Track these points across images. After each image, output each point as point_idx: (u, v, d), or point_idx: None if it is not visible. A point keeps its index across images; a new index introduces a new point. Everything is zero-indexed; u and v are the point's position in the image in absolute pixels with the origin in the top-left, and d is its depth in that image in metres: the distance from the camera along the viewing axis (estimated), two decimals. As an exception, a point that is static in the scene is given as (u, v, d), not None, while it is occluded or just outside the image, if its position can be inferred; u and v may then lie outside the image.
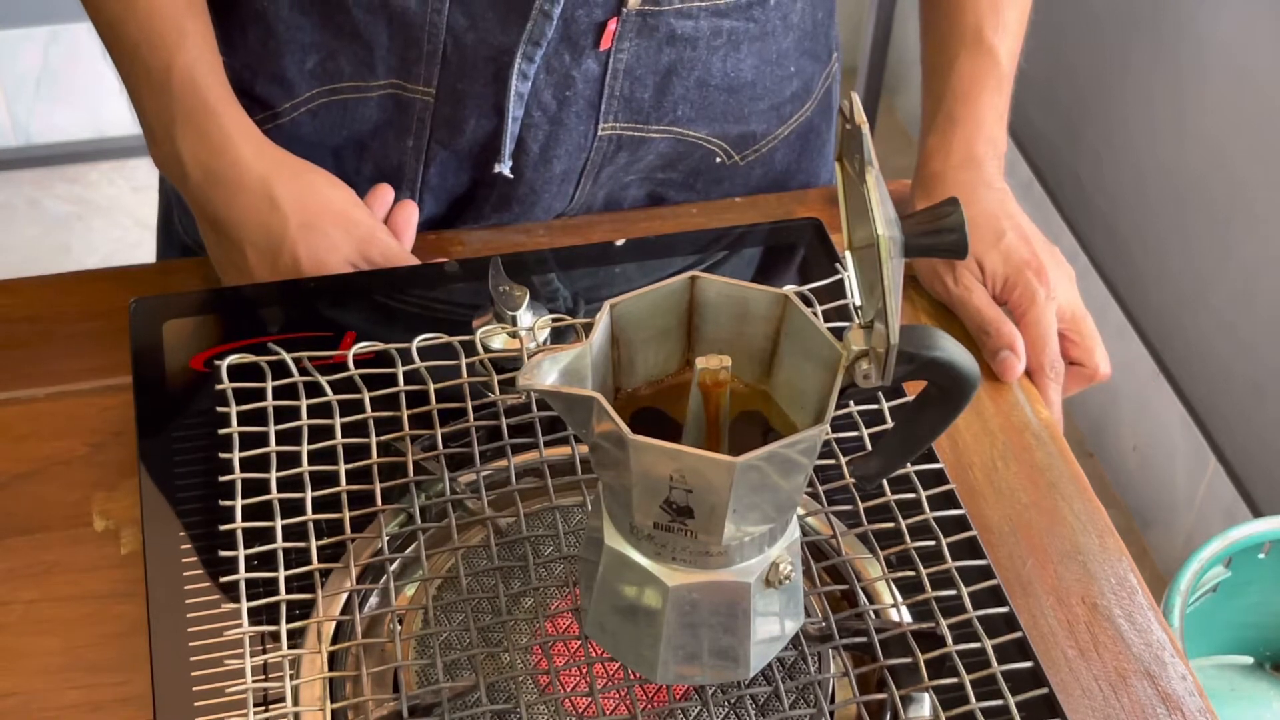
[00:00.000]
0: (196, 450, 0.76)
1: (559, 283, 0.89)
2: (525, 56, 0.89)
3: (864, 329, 0.58)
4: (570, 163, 0.95)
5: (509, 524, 0.72)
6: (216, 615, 0.69)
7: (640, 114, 0.94)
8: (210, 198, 0.87)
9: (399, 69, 0.91)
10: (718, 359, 0.57)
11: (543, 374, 0.55)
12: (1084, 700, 0.71)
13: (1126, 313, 1.98)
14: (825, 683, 0.67)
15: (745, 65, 0.95)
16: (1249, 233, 1.73)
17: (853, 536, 0.73)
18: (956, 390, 0.60)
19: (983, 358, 0.88)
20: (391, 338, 0.79)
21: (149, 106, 0.87)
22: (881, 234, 0.54)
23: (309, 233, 0.86)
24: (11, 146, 2.43)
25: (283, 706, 0.65)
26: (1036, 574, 0.76)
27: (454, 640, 0.68)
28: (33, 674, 0.70)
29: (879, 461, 0.66)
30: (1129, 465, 2.01)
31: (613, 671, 0.66)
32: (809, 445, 0.56)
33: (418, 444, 0.75)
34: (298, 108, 0.94)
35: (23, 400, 0.83)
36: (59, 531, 0.76)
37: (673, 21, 0.90)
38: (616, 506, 0.60)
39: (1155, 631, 0.74)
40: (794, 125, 1.02)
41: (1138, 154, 1.92)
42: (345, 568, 0.70)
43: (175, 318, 0.84)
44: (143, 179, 2.44)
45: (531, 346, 0.78)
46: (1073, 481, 0.81)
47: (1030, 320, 0.88)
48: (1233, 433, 1.81)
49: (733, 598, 0.60)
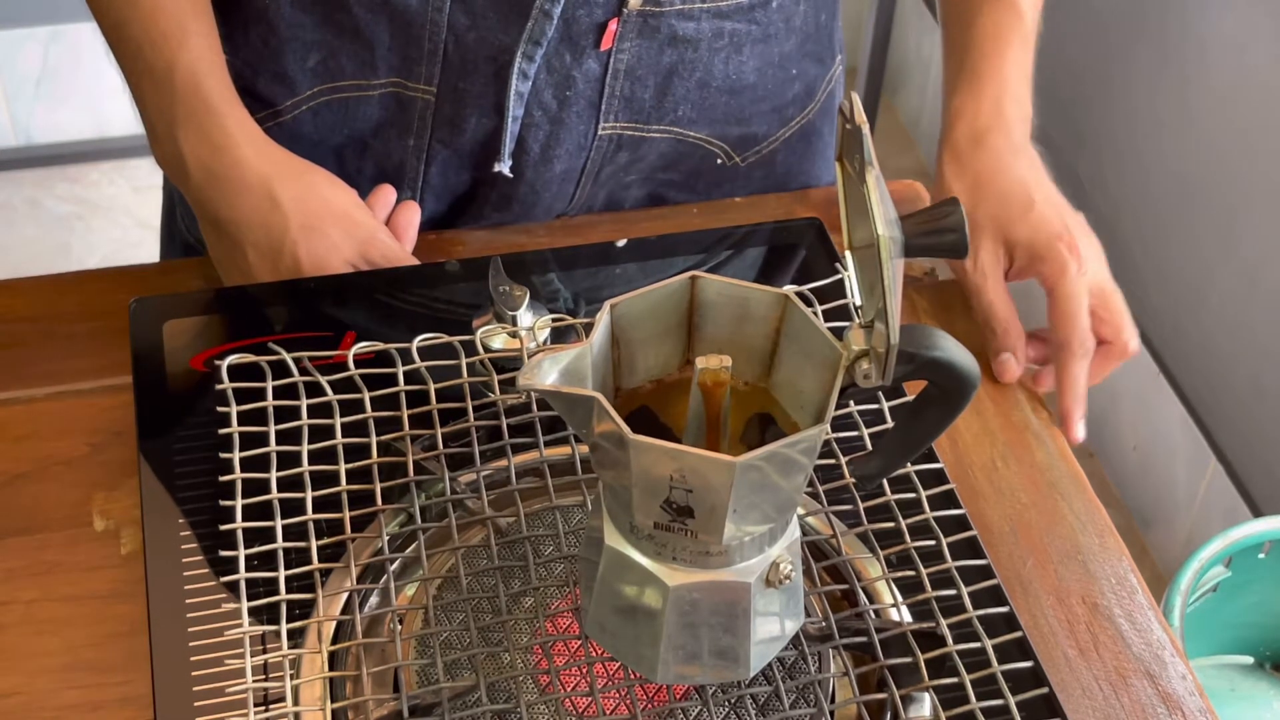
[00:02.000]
0: (197, 450, 0.76)
1: (559, 283, 0.89)
2: (526, 56, 0.89)
3: (864, 329, 0.58)
4: (571, 162, 0.95)
5: (509, 524, 0.72)
6: (217, 615, 0.69)
7: (641, 114, 0.94)
8: (211, 198, 0.87)
9: (400, 68, 0.91)
10: (718, 359, 0.57)
11: (543, 374, 0.55)
12: (1084, 700, 0.71)
13: (1127, 313, 1.98)
14: (825, 682, 0.67)
15: (747, 67, 0.95)
16: (1250, 232, 1.73)
17: (853, 536, 0.73)
18: (957, 390, 0.60)
19: (982, 359, 0.88)
20: (392, 338, 0.79)
21: (151, 105, 0.87)
22: (881, 234, 0.54)
23: (310, 234, 0.86)
24: (12, 146, 2.43)
25: (283, 706, 0.65)
26: (1036, 574, 0.76)
27: (454, 640, 0.68)
28: (33, 674, 0.70)
29: (879, 461, 0.66)
30: (1129, 465, 2.01)
31: (613, 671, 0.66)
32: (809, 445, 0.56)
33: (418, 444, 0.75)
34: (299, 106, 0.94)
35: (23, 400, 0.83)
36: (59, 531, 0.76)
37: (674, 23, 0.90)
38: (617, 506, 0.60)
39: (1155, 631, 0.74)
40: (795, 127, 1.02)
41: (1138, 154, 1.92)
42: (345, 567, 0.70)
43: (176, 318, 0.84)
44: (143, 179, 2.44)
45: (531, 346, 0.78)
46: (1073, 481, 0.81)
47: (1061, 294, 0.85)
48: (1233, 433, 1.81)
49: (733, 597, 0.60)
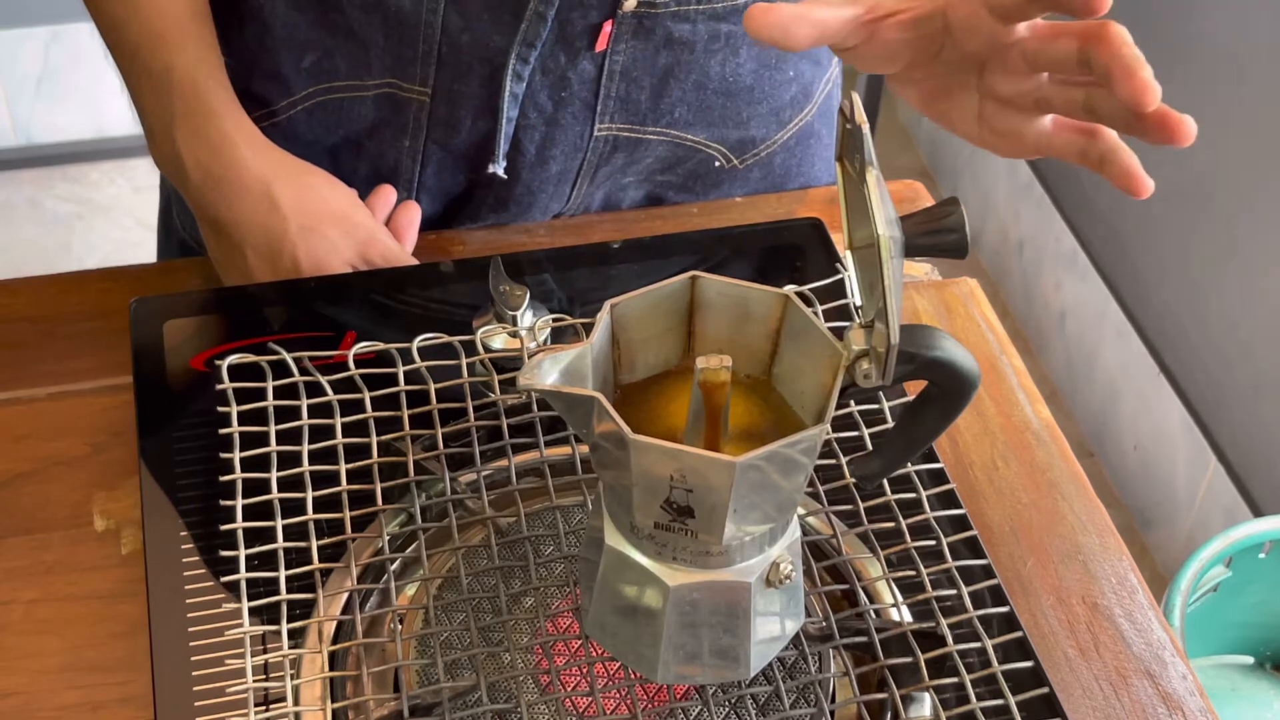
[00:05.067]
0: (197, 450, 0.76)
1: (559, 283, 0.89)
2: (520, 58, 0.88)
3: (864, 329, 0.58)
4: (566, 163, 0.95)
5: (509, 524, 0.72)
6: (217, 615, 0.69)
7: (637, 115, 0.94)
8: (210, 199, 0.87)
9: (394, 68, 0.91)
10: (718, 358, 0.57)
11: (543, 374, 0.55)
12: (1084, 700, 0.71)
13: (1127, 312, 1.98)
14: (825, 682, 0.67)
15: (744, 69, 0.95)
16: (1250, 232, 1.73)
17: (853, 536, 0.73)
18: (957, 390, 0.60)
19: (982, 358, 0.88)
20: (392, 338, 0.79)
21: (149, 107, 0.87)
22: (881, 234, 0.54)
23: (309, 235, 0.86)
24: (12, 146, 2.44)
25: (283, 706, 0.65)
26: (1037, 574, 0.76)
27: (454, 640, 0.68)
28: (33, 674, 0.70)
29: (879, 461, 0.66)
30: (1129, 465, 2.01)
31: (613, 671, 0.66)
32: (809, 445, 0.56)
33: (418, 444, 0.75)
34: (294, 106, 0.94)
35: (23, 400, 0.83)
36: (59, 531, 0.76)
37: (669, 24, 0.90)
38: (617, 506, 0.60)
39: (1156, 631, 0.74)
40: (793, 129, 1.02)
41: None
42: (346, 567, 0.70)
43: (176, 317, 0.84)
44: (143, 179, 2.44)
45: (532, 346, 0.78)
46: (1073, 481, 0.81)
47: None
48: (1233, 433, 1.81)
49: (733, 597, 0.60)
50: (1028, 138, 0.70)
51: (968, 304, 0.92)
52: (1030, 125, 0.70)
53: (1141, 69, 0.62)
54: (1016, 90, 0.69)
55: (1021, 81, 0.68)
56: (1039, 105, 0.68)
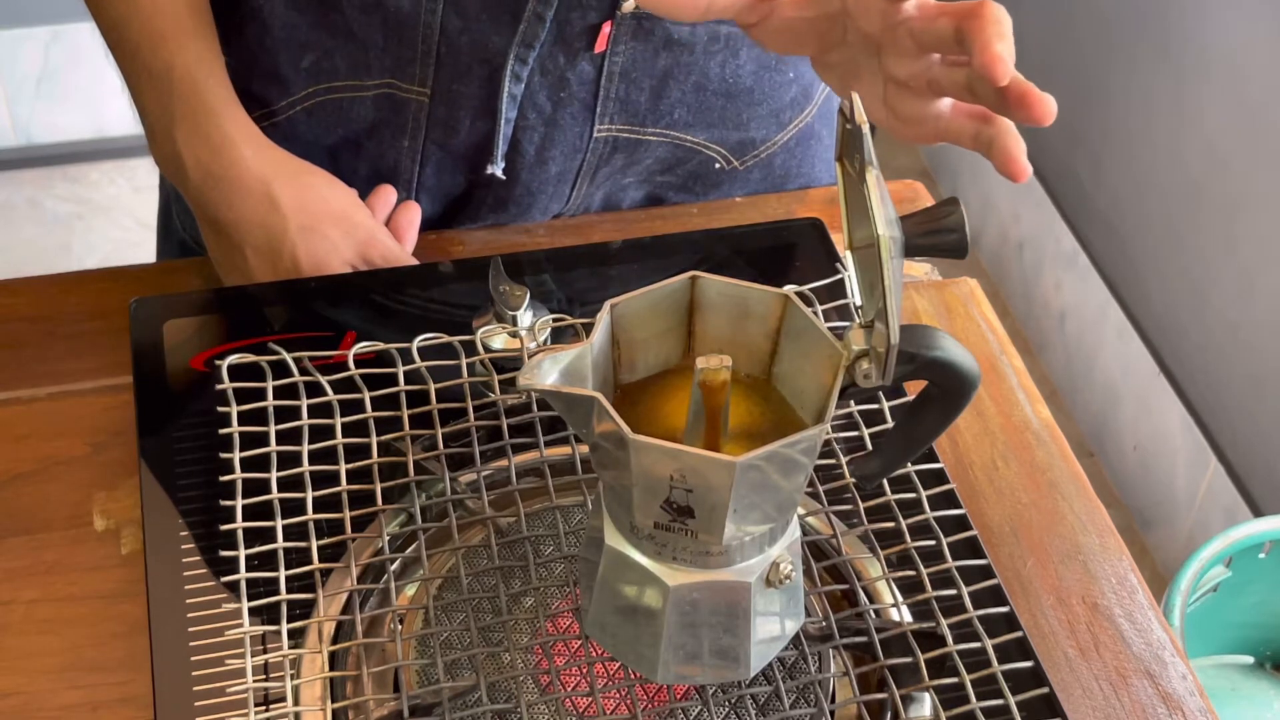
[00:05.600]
0: (197, 450, 0.76)
1: (559, 283, 0.89)
2: (519, 59, 0.88)
3: (864, 329, 0.58)
4: (565, 164, 0.95)
5: (509, 524, 0.72)
6: (217, 615, 0.69)
7: (636, 116, 0.94)
8: (210, 198, 0.87)
9: (394, 69, 0.91)
10: (718, 358, 0.57)
11: (543, 374, 0.55)
12: (1084, 700, 0.71)
13: (1127, 312, 1.98)
14: (825, 682, 0.67)
15: (744, 70, 0.95)
16: (1249, 232, 1.73)
17: (853, 536, 0.73)
18: (957, 390, 0.60)
19: (982, 358, 0.88)
20: (392, 338, 0.79)
21: (150, 106, 0.87)
22: (881, 234, 0.54)
23: (309, 234, 0.86)
24: (12, 146, 2.44)
25: (283, 706, 0.65)
26: (1037, 574, 0.76)
27: (454, 640, 0.68)
28: (33, 674, 0.70)
29: (879, 461, 0.66)
30: (1129, 465, 2.01)
31: (613, 671, 0.66)
32: (809, 445, 0.56)
33: (418, 444, 0.75)
34: (294, 106, 0.94)
35: (23, 400, 0.83)
36: (59, 531, 0.76)
37: (669, 25, 0.90)
38: (617, 506, 0.60)
39: (1156, 631, 0.74)
40: (794, 131, 1.02)
41: (1138, 154, 1.92)
42: (346, 567, 0.70)
43: (176, 317, 0.84)
44: (143, 179, 2.44)
45: (532, 346, 0.78)
46: (1073, 481, 0.81)
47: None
48: (1233, 433, 1.81)
49: (733, 597, 0.60)
50: (927, 122, 0.70)
51: (968, 304, 0.92)
52: (929, 109, 0.70)
53: (996, 43, 0.62)
54: (909, 72, 0.69)
55: (913, 62, 0.69)
56: (931, 87, 0.69)
